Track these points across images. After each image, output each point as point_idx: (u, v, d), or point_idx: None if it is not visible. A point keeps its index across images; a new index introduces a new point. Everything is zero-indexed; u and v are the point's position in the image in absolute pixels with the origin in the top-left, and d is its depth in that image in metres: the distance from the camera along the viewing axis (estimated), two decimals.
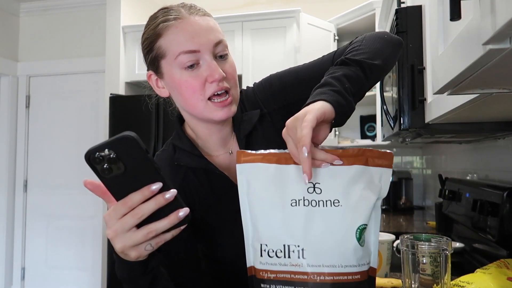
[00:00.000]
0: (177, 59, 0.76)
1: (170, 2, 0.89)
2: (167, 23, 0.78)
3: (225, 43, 0.80)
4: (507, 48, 0.39)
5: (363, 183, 0.60)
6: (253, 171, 0.62)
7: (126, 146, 0.52)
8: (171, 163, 0.87)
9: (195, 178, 0.86)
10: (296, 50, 2.79)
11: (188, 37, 0.76)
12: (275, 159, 0.62)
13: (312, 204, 0.59)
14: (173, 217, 0.55)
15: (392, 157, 0.62)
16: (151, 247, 0.57)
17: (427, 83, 1.06)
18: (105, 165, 0.52)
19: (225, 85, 0.78)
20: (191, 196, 0.86)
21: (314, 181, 0.59)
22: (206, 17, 0.80)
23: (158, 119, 2.70)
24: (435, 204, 2.01)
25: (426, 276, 0.73)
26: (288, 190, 0.60)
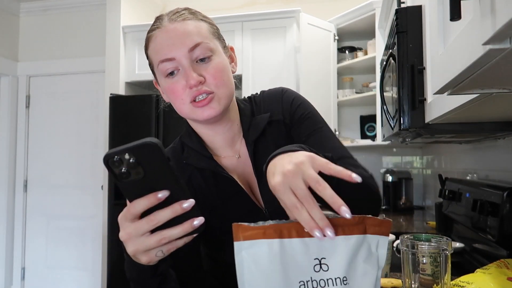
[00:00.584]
0: (159, 67, 0.79)
1: (170, 2, 0.89)
2: (150, 34, 0.81)
3: (206, 45, 0.78)
4: (507, 48, 0.39)
5: (363, 254, 0.58)
6: (254, 251, 0.55)
7: (148, 153, 0.51)
8: (178, 161, 0.88)
9: (201, 178, 0.86)
10: (296, 50, 2.79)
11: (164, 46, 0.78)
12: (277, 232, 0.56)
13: (320, 284, 0.55)
14: (187, 225, 0.55)
15: (390, 225, 0.60)
16: (162, 254, 0.57)
17: (427, 83, 1.06)
18: (124, 169, 0.52)
19: (203, 89, 0.77)
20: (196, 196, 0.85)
21: (319, 257, 0.56)
22: (186, 21, 0.79)
23: (158, 119, 2.70)
24: (435, 204, 2.01)
25: (426, 276, 0.73)
26: (295, 271, 0.55)
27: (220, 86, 0.79)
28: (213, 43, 0.80)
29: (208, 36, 0.80)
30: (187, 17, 0.80)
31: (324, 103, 2.84)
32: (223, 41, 0.87)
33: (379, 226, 0.59)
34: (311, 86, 2.69)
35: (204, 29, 0.81)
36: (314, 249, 0.57)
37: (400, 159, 3.15)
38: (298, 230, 0.57)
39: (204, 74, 0.78)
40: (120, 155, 0.51)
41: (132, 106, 2.79)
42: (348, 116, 3.23)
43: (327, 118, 2.84)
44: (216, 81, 0.79)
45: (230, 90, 0.82)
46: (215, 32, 0.84)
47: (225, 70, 0.81)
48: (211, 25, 0.84)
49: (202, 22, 0.82)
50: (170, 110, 0.97)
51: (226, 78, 0.81)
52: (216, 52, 0.80)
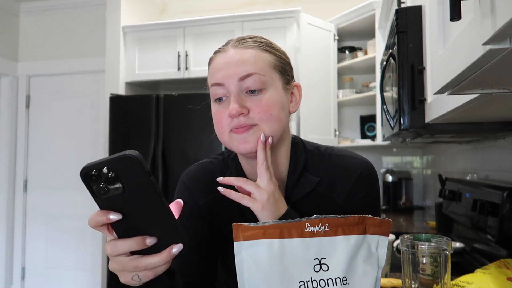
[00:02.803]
0: (210, 90, 0.78)
1: (170, 2, 0.89)
2: (212, 56, 0.81)
3: (259, 77, 0.74)
4: (507, 48, 0.39)
5: (363, 254, 0.58)
6: (254, 251, 0.55)
7: (128, 166, 0.48)
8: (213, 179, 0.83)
9: (227, 207, 0.83)
10: (296, 50, 2.79)
11: (217, 70, 0.76)
12: (277, 232, 0.56)
13: (320, 284, 0.55)
14: (165, 254, 0.53)
15: (390, 226, 0.61)
16: (138, 279, 0.55)
17: (427, 83, 1.06)
18: (102, 185, 0.48)
19: (244, 122, 0.73)
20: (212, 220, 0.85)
21: (319, 256, 0.56)
22: (247, 49, 0.76)
23: (158, 119, 2.70)
24: (435, 204, 2.01)
25: (426, 276, 0.73)
26: (295, 271, 0.55)
27: (264, 120, 0.74)
28: (269, 76, 0.76)
29: (266, 68, 0.76)
30: (250, 45, 0.77)
31: (324, 103, 2.84)
32: (288, 77, 0.81)
33: (379, 226, 0.60)
34: (311, 86, 2.69)
35: (263, 60, 0.76)
36: (314, 249, 0.57)
37: (400, 159, 3.15)
38: (298, 230, 0.57)
39: (250, 106, 0.74)
40: (98, 169, 0.48)
41: (132, 106, 2.79)
42: (348, 116, 3.23)
43: (327, 118, 2.86)
44: (260, 115, 0.74)
45: (277, 128, 0.76)
46: (278, 65, 0.79)
47: (276, 105, 0.75)
48: (278, 58, 0.79)
49: (265, 53, 0.78)
50: (170, 110, 0.96)
51: (275, 114, 0.75)
52: (271, 86, 0.76)
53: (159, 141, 2.69)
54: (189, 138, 2.62)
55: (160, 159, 2.66)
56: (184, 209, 0.85)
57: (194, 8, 3.53)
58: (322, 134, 2.79)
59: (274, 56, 0.79)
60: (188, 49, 2.95)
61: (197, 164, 0.91)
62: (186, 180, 0.88)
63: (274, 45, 0.82)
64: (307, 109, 2.65)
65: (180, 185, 0.88)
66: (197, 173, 0.88)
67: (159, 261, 0.53)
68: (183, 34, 2.97)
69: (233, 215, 0.84)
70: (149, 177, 0.49)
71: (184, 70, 2.94)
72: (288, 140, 0.85)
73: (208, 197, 0.85)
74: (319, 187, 0.80)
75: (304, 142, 0.89)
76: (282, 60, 0.80)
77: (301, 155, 0.84)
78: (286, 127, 0.81)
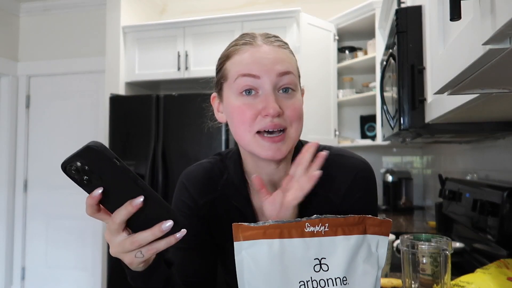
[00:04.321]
0: (236, 81, 0.73)
1: (170, 2, 0.88)
2: (237, 47, 0.76)
3: (294, 78, 0.74)
4: (507, 48, 0.39)
5: (363, 254, 0.58)
6: (254, 251, 0.55)
7: (92, 157, 0.50)
8: (212, 180, 0.85)
9: (226, 208, 0.84)
10: (296, 50, 2.79)
11: (251, 61, 0.72)
12: (277, 232, 0.56)
13: (320, 284, 0.55)
14: (156, 229, 0.55)
15: (390, 225, 0.61)
16: (141, 255, 0.57)
17: (427, 83, 1.06)
18: (84, 177, 0.51)
19: (278, 123, 0.71)
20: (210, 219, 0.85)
21: (319, 256, 0.56)
22: (281, 49, 0.75)
23: (158, 119, 2.70)
24: (435, 204, 2.01)
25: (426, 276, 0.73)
26: (295, 271, 0.55)
27: (294, 123, 0.74)
28: (298, 80, 0.77)
29: (296, 71, 0.77)
30: (282, 45, 0.77)
31: (324, 103, 2.84)
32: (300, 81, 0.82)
33: (379, 226, 0.60)
34: (311, 86, 2.69)
35: (294, 63, 0.77)
36: (314, 249, 0.57)
37: (400, 159, 3.15)
38: (298, 230, 0.57)
39: (283, 107, 0.72)
40: (71, 163, 0.50)
41: (132, 106, 2.79)
42: (348, 116, 3.23)
43: (327, 118, 2.86)
44: (293, 117, 0.73)
45: (300, 132, 0.77)
46: (298, 71, 0.79)
47: (301, 109, 0.77)
48: (296, 63, 0.80)
49: (292, 56, 0.78)
50: (170, 110, 0.96)
51: (301, 118, 0.76)
52: (298, 90, 0.77)
53: (159, 141, 2.69)
54: (189, 138, 2.62)
55: (160, 159, 2.66)
56: (183, 209, 0.86)
57: (194, 8, 3.53)
58: (322, 134, 2.79)
59: (296, 60, 0.80)
60: (188, 49, 2.95)
61: (195, 165, 0.90)
62: (185, 180, 0.88)
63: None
64: (307, 109, 2.62)
65: (179, 185, 0.89)
66: (196, 173, 0.88)
67: (151, 235, 0.55)
68: (183, 34, 2.97)
69: (232, 215, 0.84)
70: (116, 163, 0.51)
71: (184, 70, 2.94)
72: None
73: (207, 197, 0.85)
74: (316, 186, 0.81)
75: (302, 142, 0.89)
76: (297, 65, 0.81)
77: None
78: None
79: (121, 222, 0.55)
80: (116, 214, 0.54)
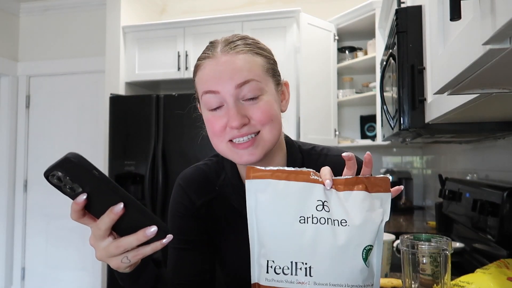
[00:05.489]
0: (202, 98, 0.75)
1: (170, 2, 0.88)
2: (200, 62, 0.77)
3: (256, 84, 0.73)
4: (507, 48, 0.39)
5: (367, 206, 0.60)
6: (262, 187, 0.61)
7: (71, 168, 0.51)
8: (209, 180, 0.86)
9: (222, 208, 0.85)
10: (296, 50, 2.79)
11: (210, 77, 0.74)
12: (284, 175, 0.61)
13: (321, 221, 0.59)
14: (140, 234, 0.55)
15: (388, 181, 0.63)
16: (127, 260, 0.57)
17: (427, 83, 1.06)
18: (66, 186, 0.52)
19: (246, 132, 0.73)
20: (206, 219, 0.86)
21: (322, 199, 0.60)
22: (239, 55, 0.74)
23: (158, 119, 2.70)
24: (435, 204, 2.01)
25: (426, 276, 0.73)
26: (297, 207, 0.60)
27: (266, 125, 0.74)
28: (264, 82, 0.75)
29: (261, 74, 0.75)
30: (243, 50, 0.75)
31: (324, 103, 2.84)
32: (278, 76, 0.81)
33: (378, 184, 0.62)
34: (311, 86, 2.69)
35: (258, 66, 0.75)
36: (318, 193, 0.61)
37: (400, 159, 3.15)
38: (304, 176, 0.62)
39: (250, 114, 0.73)
40: (53, 172, 0.51)
41: (132, 106, 2.79)
42: (348, 116, 3.23)
43: (327, 118, 2.86)
44: (262, 121, 0.73)
45: (277, 132, 0.76)
46: (269, 68, 0.78)
47: (273, 110, 0.75)
48: (268, 59, 0.78)
49: (257, 56, 0.76)
50: (170, 110, 0.96)
51: (274, 118, 0.75)
52: (267, 92, 0.75)
53: (159, 141, 2.69)
54: (189, 138, 2.62)
55: (160, 159, 2.66)
56: (181, 210, 0.86)
57: (194, 8, 3.53)
58: (322, 134, 2.79)
59: (265, 58, 0.77)
60: (188, 49, 2.95)
61: (192, 167, 0.91)
62: (181, 182, 0.89)
63: (262, 45, 0.80)
64: (307, 109, 2.65)
65: (176, 187, 0.89)
66: (193, 175, 0.89)
67: (135, 240, 0.55)
68: (183, 34, 2.97)
69: (229, 215, 0.85)
70: (95, 173, 0.52)
71: (184, 70, 2.94)
72: (282, 140, 0.86)
73: (204, 198, 0.86)
74: None
75: (298, 143, 0.90)
76: (271, 61, 0.79)
77: (298, 156, 0.85)
78: (281, 129, 0.81)
79: (106, 228, 0.55)
80: (100, 222, 0.55)
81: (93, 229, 0.57)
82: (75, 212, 0.55)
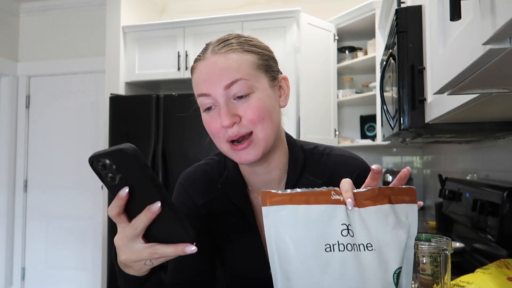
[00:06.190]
0: (198, 101, 0.77)
1: (170, 2, 0.88)
2: (194, 64, 0.79)
3: (245, 82, 0.73)
4: (507, 48, 0.39)
5: (392, 222, 0.57)
6: (281, 214, 0.56)
7: (123, 160, 0.50)
8: (211, 179, 0.86)
9: (225, 208, 0.85)
10: (296, 50, 2.79)
11: (201, 80, 0.75)
12: (304, 199, 0.57)
13: (347, 248, 0.55)
14: (180, 248, 0.54)
15: (415, 192, 0.59)
16: (150, 263, 0.57)
17: (427, 83, 1.06)
18: (109, 174, 0.51)
19: (237, 132, 0.73)
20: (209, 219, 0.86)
21: (346, 222, 0.56)
22: (228, 54, 0.74)
23: (158, 119, 2.70)
24: (435, 204, 2.01)
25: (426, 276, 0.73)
26: (321, 234, 0.55)
27: (257, 124, 0.74)
28: (255, 79, 0.74)
29: (251, 71, 0.74)
30: (232, 48, 0.75)
31: (324, 103, 2.84)
32: (273, 72, 0.80)
33: (403, 194, 0.59)
34: (311, 86, 2.69)
35: (248, 63, 0.75)
36: (341, 215, 0.57)
37: (400, 159, 3.15)
38: (325, 197, 0.57)
39: (241, 113, 0.73)
40: (101, 159, 0.50)
41: (132, 106, 2.79)
42: (348, 116, 3.23)
43: (327, 118, 2.86)
44: (253, 119, 0.73)
45: (271, 129, 0.76)
46: (262, 64, 0.77)
47: (265, 107, 0.75)
48: (261, 56, 0.77)
49: (247, 54, 0.75)
50: (170, 110, 0.96)
51: (266, 116, 0.74)
52: (258, 89, 0.75)
53: (159, 141, 2.68)
54: (189, 138, 2.62)
55: (160, 159, 2.66)
56: (182, 209, 0.86)
57: (194, 8, 3.53)
58: (322, 134, 2.79)
59: (257, 55, 0.77)
60: (188, 49, 2.95)
61: (193, 166, 0.92)
62: (183, 181, 0.89)
63: (255, 42, 0.80)
64: (307, 109, 2.65)
65: (177, 186, 0.90)
66: (194, 174, 0.89)
67: (172, 252, 0.55)
68: (183, 34, 2.96)
69: (231, 214, 0.85)
70: (145, 170, 0.51)
71: (184, 70, 2.94)
72: (282, 137, 0.85)
73: (206, 197, 0.86)
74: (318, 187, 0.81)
75: (301, 142, 0.89)
76: (265, 57, 0.78)
77: (300, 155, 0.85)
78: (279, 124, 0.81)
79: (142, 228, 0.54)
80: (137, 221, 0.53)
81: (127, 229, 0.54)
82: (118, 207, 0.53)
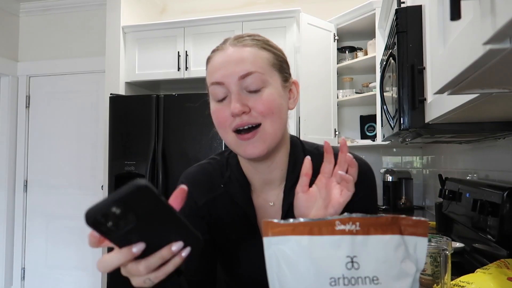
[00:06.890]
0: (210, 90, 0.78)
1: (170, 2, 0.89)
2: (210, 54, 0.80)
3: (259, 76, 0.74)
4: (507, 48, 0.39)
5: (400, 255, 0.56)
6: (283, 246, 0.55)
7: (139, 197, 0.45)
8: (213, 178, 0.86)
9: (227, 207, 0.85)
10: (296, 50, 2.79)
11: (216, 69, 0.76)
12: (307, 229, 0.55)
13: (352, 282, 0.53)
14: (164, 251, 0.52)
15: (427, 226, 0.58)
16: (150, 282, 0.54)
17: (427, 83, 1.06)
18: (111, 224, 0.46)
19: (247, 120, 0.73)
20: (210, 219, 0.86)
21: (351, 254, 0.54)
22: (245, 48, 0.76)
23: (158, 119, 2.70)
24: (435, 204, 2.01)
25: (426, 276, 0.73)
26: (325, 267, 0.54)
27: (267, 117, 0.74)
28: (269, 75, 0.76)
29: (265, 67, 0.76)
30: (248, 44, 0.77)
31: (324, 103, 2.84)
32: (286, 74, 0.81)
33: (415, 226, 0.57)
34: (311, 86, 2.69)
35: (262, 59, 0.76)
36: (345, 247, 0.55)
37: (400, 159, 3.15)
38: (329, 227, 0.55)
39: (251, 104, 0.74)
40: (104, 211, 0.45)
41: (132, 106, 2.79)
42: (348, 116, 3.23)
43: (327, 118, 2.86)
44: (263, 112, 0.74)
45: (279, 126, 0.76)
46: (276, 63, 0.79)
47: (276, 103, 0.75)
48: (276, 55, 0.79)
49: (263, 51, 0.78)
50: (170, 110, 0.96)
51: (276, 111, 0.75)
52: (271, 84, 0.76)
53: (159, 141, 2.69)
54: (189, 138, 2.62)
55: (160, 159, 2.66)
56: (183, 208, 0.86)
57: (194, 8, 3.53)
58: (322, 134, 2.79)
59: (272, 54, 0.79)
60: (188, 49, 2.95)
61: (195, 166, 0.91)
62: (184, 181, 0.89)
63: (272, 43, 0.82)
64: (307, 109, 2.65)
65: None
66: (196, 174, 0.89)
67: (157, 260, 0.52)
68: (183, 34, 2.97)
69: (233, 214, 0.85)
70: (161, 200, 0.47)
71: (184, 70, 2.94)
72: (287, 138, 0.85)
73: (207, 197, 0.86)
74: None
75: (303, 142, 0.89)
76: (279, 58, 0.80)
77: (300, 155, 0.85)
78: (286, 124, 0.82)
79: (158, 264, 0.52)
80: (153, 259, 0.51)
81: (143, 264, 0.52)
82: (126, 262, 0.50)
